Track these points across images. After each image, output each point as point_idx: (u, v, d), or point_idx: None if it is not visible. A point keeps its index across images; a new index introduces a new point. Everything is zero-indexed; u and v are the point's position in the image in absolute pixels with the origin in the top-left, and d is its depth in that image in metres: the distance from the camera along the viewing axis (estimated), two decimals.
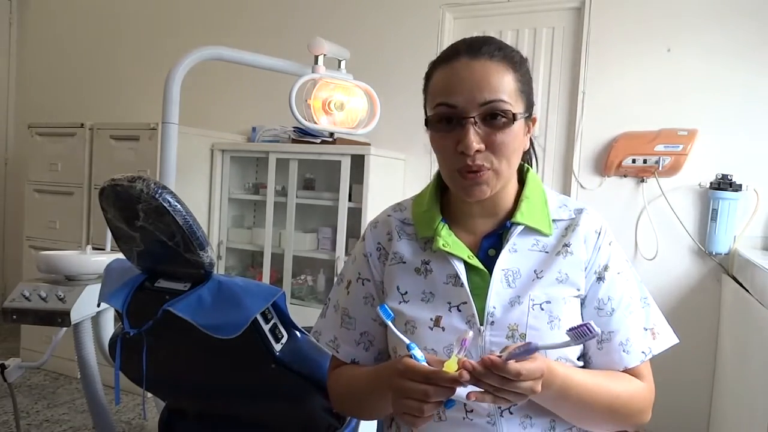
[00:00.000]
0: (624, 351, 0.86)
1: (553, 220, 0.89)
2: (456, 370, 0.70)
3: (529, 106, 0.87)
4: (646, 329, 0.88)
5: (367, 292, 0.94)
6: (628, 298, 0.88)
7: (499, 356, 0.70)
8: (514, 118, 0.81)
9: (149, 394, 1.96)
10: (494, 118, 0.80)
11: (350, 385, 0.93)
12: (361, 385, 0.90)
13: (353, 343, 0.94)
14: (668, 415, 2.38)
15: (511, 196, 0.91)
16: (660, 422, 2.39)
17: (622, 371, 0.86)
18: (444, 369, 0.71)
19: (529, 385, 0.70)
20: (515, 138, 0.83)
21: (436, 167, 0.93)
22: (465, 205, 0.90)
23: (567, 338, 0.69)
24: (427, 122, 0.86)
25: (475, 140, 0.80)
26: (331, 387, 0.98)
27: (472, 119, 0.80)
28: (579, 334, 0.67)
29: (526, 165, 0.95)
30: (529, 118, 0.88)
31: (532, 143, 0.96)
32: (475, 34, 2.99)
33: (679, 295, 2.37)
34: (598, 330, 0.67)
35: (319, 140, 2.64)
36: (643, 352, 0.86)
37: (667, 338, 0.89)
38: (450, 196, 0.94)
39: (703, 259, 2.33)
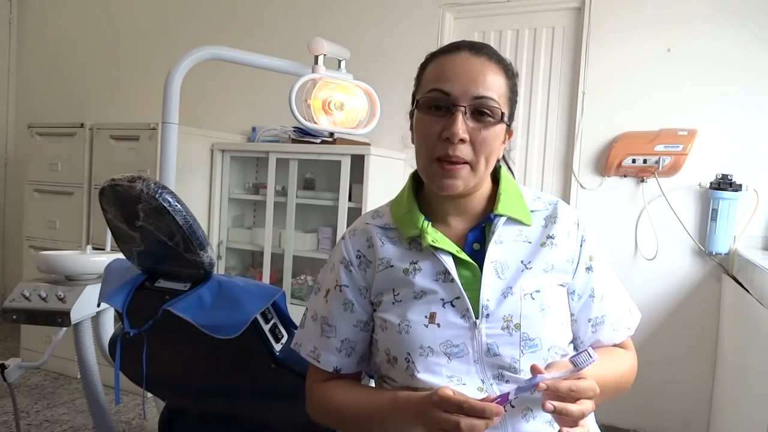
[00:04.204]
0: (614, 330, 0.94)
1: (531, 211, 0.93)
2: (483, 399, 0.75)
3: (511, 116, 0.90)
4: (627, 307, 0.97)
5: (345, 299, 0.93)
6: (612, 281, 0.96)
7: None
8: (501, 117, 0.85)
9: (149, 394, 1.96)
10: (482, 114, 0.84)
11: (350, 405, 0.90)
12: (370, 407, 0.88)
13: (335, 350, 0.93)
14: (668, 414, 2.39)
15: (486, 193, 0.94)
16: (660, 422, 2.40)
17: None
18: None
19: (590, 404, 0.75)
20: (496, 138, 0.86)
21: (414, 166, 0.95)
22: (441, 203, 0.93)
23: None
24: (417, 106, 0.88)
25: (461, 128, 0.82)
26: (318, 402, 0.95)
27: (463, 108, 0.83)
28: (581, 361, 0.75)
29: (498, 163, 0.97)
30: (509, 128, 0.91)
31: (505, 159, 1.00)
32: (475, 34, 3.01)
33: (679, 295, 2.37)
34: (596, 356, 0.75)
35: (319, 140, 2.64)
36: (628, 328, 0.96)
37: (637, 313, 0.99)
38: (426, 195, 0.95)
39: (703, 259, 2.33)
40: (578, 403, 0.74)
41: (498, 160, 0.96)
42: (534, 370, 0.76)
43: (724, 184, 2.21)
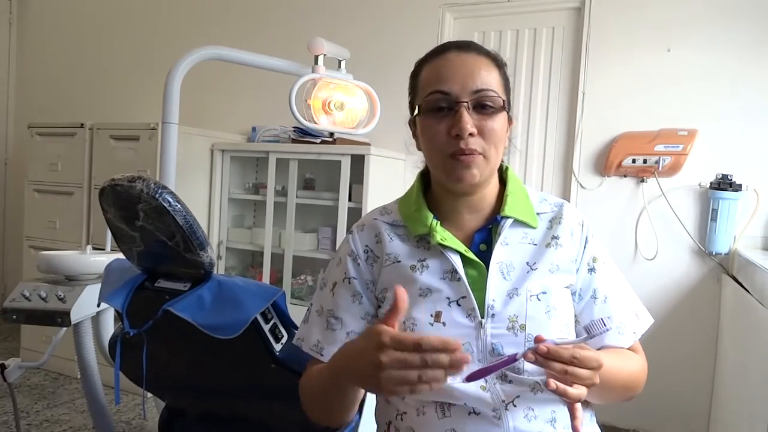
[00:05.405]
0: (619, 333, 0.92)
1: (537, 214, 0.94)
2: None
3: (509, 104, 0.91)
4: (634, 311, 0.95)
5: (354, 290, 0.93)
6: (617, 284, 0.95)
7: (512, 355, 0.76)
8: (503, 105, 0.87)
9: (149, 394, 1.96)
10: (485, 106, 0.86)
11: (313, 384, 0.88)
12: (322, 379, 0.84)
13: (339, 343, 0.91)
14: (669, 414, 2.39)
15: (494, 193, 0.95)
16: (660, 422, 2.40)
17: None
18: None
19: (589, 374, 0.73)
20: (502, 126, 0.88)
21: (419, 166, 0.96)
22: (451, 201, 0.93)
23: (571, 334, 0.75)
24: (419, 112, 0.89)
25: (469, 123, 0.84)
26: (301, 394, 0.92)
27: (466, 104, 0.85)
28: (594, 328, 0.73)
29: (505, 164, 0.99)
30: (509, 115, 0.92)
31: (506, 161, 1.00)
32: (475, 35, 3.00)
33: (679, 295, 2.37)
34: (611, 325, 0.73)
35: (319, 140, 2.64)
36: (634, 332, 0.93)
37: (647, 318, 0.96)
38: (435, 195, 0.96)
39: (703, 259, 2.33)
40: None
41: (504, 157, 0.96)
42: (537, 340, 0.74)
43: (724, 184, 2.21)
